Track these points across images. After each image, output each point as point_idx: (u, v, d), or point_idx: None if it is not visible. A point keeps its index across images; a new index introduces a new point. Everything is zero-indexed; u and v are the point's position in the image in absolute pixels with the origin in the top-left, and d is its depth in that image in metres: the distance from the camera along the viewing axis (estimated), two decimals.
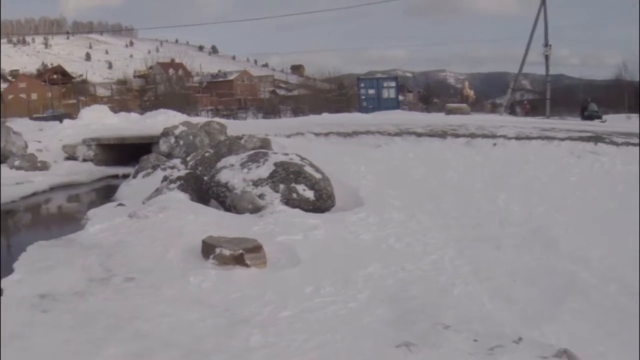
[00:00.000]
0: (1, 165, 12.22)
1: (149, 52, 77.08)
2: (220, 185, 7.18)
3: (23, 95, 45.22)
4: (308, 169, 7.27)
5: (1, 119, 19.76)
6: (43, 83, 54.43)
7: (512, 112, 29.99)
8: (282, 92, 62.66)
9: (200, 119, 17.93)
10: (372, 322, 3.80)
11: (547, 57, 26.10)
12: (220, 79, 59.16)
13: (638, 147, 10.07)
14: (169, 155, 11.96)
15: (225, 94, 56.09)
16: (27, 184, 11.30)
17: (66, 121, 19.52)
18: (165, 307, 4.07)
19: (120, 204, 7.97)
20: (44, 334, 3.61)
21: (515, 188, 8.20)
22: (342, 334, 3.52)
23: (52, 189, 11.53)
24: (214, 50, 73.43)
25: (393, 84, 29.54)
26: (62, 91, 51.35)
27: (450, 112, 22.70)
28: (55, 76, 59.43)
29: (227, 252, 4.95)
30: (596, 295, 4.23)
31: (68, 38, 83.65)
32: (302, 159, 7.52)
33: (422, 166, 9.91)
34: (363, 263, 5.05)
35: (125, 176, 12.10)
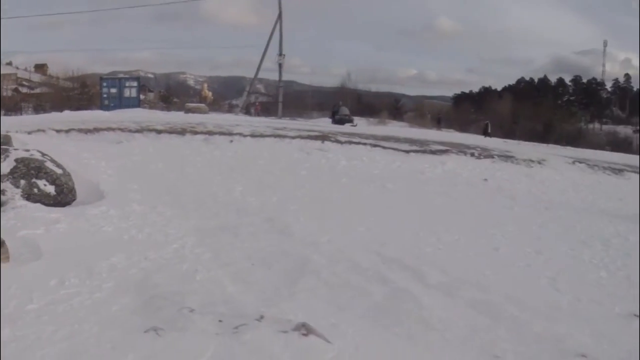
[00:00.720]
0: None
1: None
2: None
3: None
4: (49, 164, 7.11)
5: None
6: None
7: (247, 112, 31.24)
8: (24, 90, 59.77)
9: None
10: (119, 311, 3.76)
11: (280, 65, 28.30)
12: None
13: (360, 145, 11.52)
14: None
15: None
16: None
17: None
18: None
19: None
20: None
21: (251, 181, 8.60)
22: (90, 324, 3.43)
23: None
24: None
25: (135, 83, 30.00)
26: None
27: (189, 111, 23.46)
28: None
29: None
30: (327, 274, 4.52)
31: None
32: (43, 154, 7.31)
33: (162, 161, 9.99)
34: (106, 254, 4.91)
35: None
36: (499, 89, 71.69)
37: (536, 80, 75.63)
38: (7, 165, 7.00)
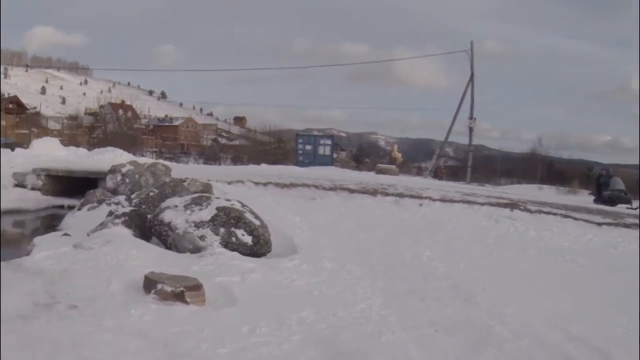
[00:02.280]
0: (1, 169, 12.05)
1: (102, 91, 77.57)
2: (164, 224, 7.18)
3: None
4: (248, 215, 7.32)
5: None
6: None
7: (435, 175, 30.42)
8: (223, 141, 64.01)
9: (145, 159, 18.03)
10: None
11: (471, 129, 27.23)
12: (167, 124, 60.14)
13: (550, 215, 10.99)
14: (115, 192, 11.95)
15: (169, 138, 57.00)
16: None
17: (18, 150, 19.18)
18: (107, 336, 4.04)
19: (65, 234, 7.86)
20: None
21: (439, 246, 8.58)
22: None
23: None
24: (163, 95, 76.63)
25: (329, 141, 30.75)
26: (15, 121, 50.87)
27: (380, 171, 23.40)
28: (10, 106, 58.70)
29: (168, 289, 4.93)
30: (510, 347, 4.37)
31: (26, 71, 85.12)
32: (243, 205, 7.60)
33: (354, 220, 10.26)
34: (297, 307, 5.09)
35: (71, 207, 12.10)
36: None
37: None
38: (208, 213, 7.21)
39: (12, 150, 18.85)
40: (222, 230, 6.98)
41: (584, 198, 21.57)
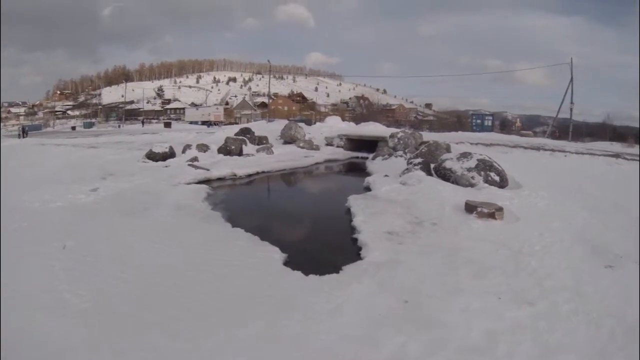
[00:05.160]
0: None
1: (349, 90, 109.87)
2: (446, 169, 8.45)
3: (280, 107, 65.91)
4: (494, 163, 8.35)
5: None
6: (291, 101, 78.82)
7: (551, 136, 28.98)
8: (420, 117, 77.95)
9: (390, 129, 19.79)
10: (573, 250, 4.62)
11: (571, 109, 29.38)
12: (387, 107, 73.44)
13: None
14: (394, 148, 13.79)
15: (390, 116, 66.40)
16: (310, 157, 14.00)
17: (318, 123, 23.10)
18: (468, 243, 4.88)
19: (385, 175, 9.29)
20: (413, 259, 4.41)
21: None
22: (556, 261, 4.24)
23: (326, 161, 14.13)
24: (385, 91, 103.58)
25: (490, 117, 33.32)
26: (301, 107, 75.07)
27: (522, 135, 24.44)
28: (298, 98, 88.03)
29: (485, 210, 5.78)
30: None
31: (306, 78, 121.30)
32: (489, 158, 8.56)
33: (536, 165, 11.28)
34: (547, 219, 5.88)
35: (363, 158, 14.22)
36: None
37: None
38: (473, 162, 8.53)
39: (308, 125, 21.83)
40: (482, 173, 8.11)
41: None
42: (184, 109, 61.90)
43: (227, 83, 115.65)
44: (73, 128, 44.49)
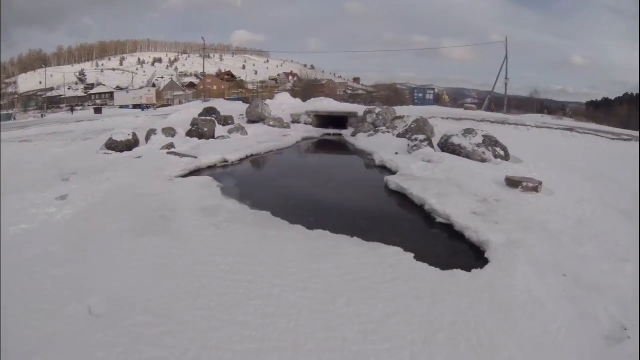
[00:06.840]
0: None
1: (277, 66, 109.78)
2: (455, 145, 8.70)
3: (210, 87, 64.53)
4: (499, 139, 8.74)
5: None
6: (220, 80, 77.34)
7: (489, 109, 29.46)
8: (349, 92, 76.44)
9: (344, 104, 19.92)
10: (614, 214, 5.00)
11: (506, 84, 30.66)
12: (317, 83, 70.57)
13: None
14: (374, 124, 13.62)
15: (322, 92, 64.16)
16: (288, 136, 13.06)
17: (269, 100, 21.51)
18: (541, 216, 5.23)
19: (396, 153, 9.34)
20: (521, 238, 4.53)
21: None
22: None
23: (304, 139, 13.26)
24: (313, 67, 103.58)
25: (432, 91, 35.29)
26: (230, 85, 75.44)
27: (466, 109, 25.01)
28: (226, 77, 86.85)
29: (530, 185, 6.14)
30: None
31: (233, 56, 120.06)
32: (489, 134, 9.01)
33: (513, 137, 11.91)
34: (568, 193, 6.28)
35: (336, 134, 13.90)
36: None
37: None
38: (479, 138, 9.03)
39: (246, 103, 20.66)
40: (490, 148, 8.49)
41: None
42: (110, 93, 58.40)
43: (153, 64, 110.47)
44: None
